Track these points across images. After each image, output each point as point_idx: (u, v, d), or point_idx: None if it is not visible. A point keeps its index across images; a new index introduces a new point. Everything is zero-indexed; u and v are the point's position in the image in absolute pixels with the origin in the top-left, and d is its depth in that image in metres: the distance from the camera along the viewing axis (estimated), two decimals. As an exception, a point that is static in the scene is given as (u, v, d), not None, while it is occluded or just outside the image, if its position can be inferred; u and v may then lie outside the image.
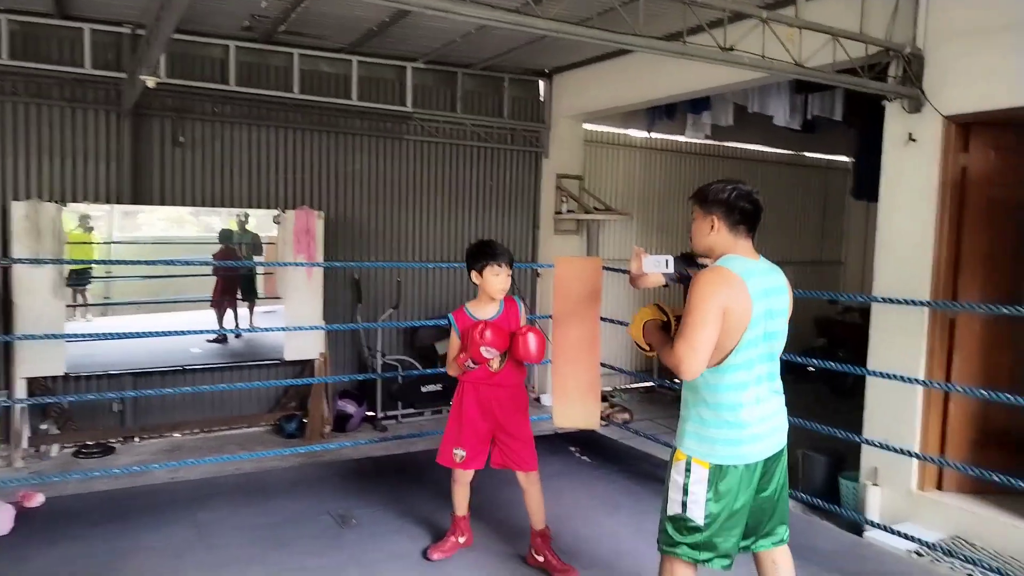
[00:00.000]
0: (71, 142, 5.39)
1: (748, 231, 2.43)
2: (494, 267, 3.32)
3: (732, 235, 2.41)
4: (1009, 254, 4.31)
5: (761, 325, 2.33)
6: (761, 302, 2.32)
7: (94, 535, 3.75)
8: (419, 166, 6.70)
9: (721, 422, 2.37)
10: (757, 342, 2.34)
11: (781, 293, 2.45)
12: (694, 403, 2.45)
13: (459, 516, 3.62)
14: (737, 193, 2.40)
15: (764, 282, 2.37)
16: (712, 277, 2.33)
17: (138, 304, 6.51)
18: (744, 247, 2.42)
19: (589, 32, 3.48)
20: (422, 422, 6.32)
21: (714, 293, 2.28)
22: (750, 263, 2.38)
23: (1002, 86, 3.87)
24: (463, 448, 3.43)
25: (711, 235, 2.43)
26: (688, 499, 2.39)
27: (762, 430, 2.40)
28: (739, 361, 2.32)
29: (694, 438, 2.43)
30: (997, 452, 4.22)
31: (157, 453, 5.34)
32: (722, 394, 2.36)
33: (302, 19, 5.26)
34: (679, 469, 2.43)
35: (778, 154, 8.93)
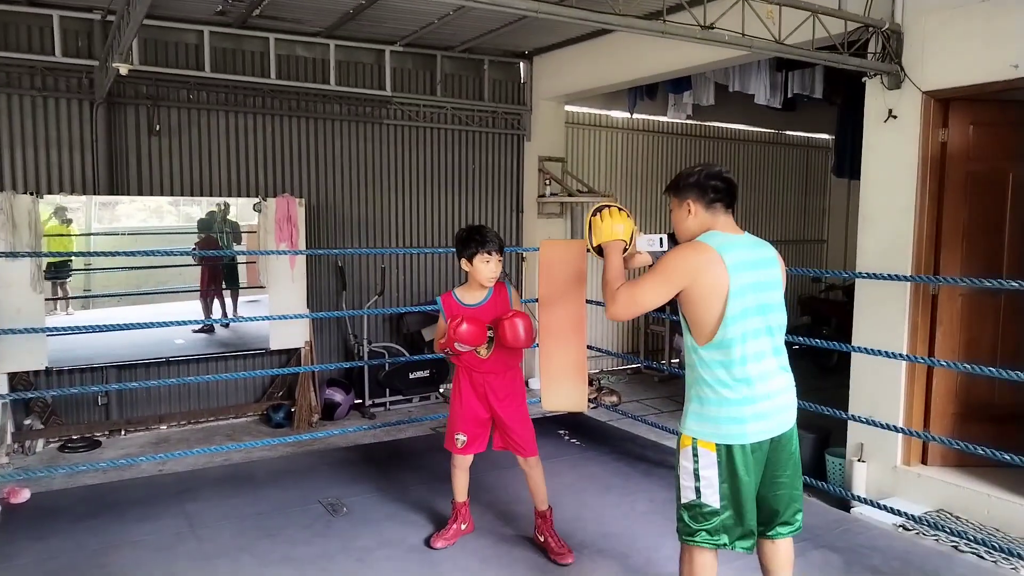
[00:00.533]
0: (44, 132, 5.29)
1: (726, 207, 2.44)
2: (484, 255, 3.30)
3: (710, 214, 2.43)
4: (988, 228, 4.36)
5: (749, 297, 2.31)
6: (743, 274, 2.30)
7: (82, 529, 3.72)
8: (400, 151, 6.65)
9: (722, 400, 2.34)
10: (747, 314, 2.31)
11: (770, 265, 2.44)
12: (693, 383, 2.42)
13: (459, 502, 3.61)
14: (706, 173, 2.44)
15: (746, 255, 2.36)
16: (684, 248, 2.38)
17: (119, 296, 6.44)
18: (724, 223, 2.44)
19: (568, 12, 3.45)
20: (410, 409, 6.32)
21: (681, 261, 2.33)
22: (730, 237, 2.39)
23: (980, 61, 3.89)
24: (463, 433, 3.42)
25: (690, 219, 2.46)
26: (701, 484, 2.36)
27: (767, 407, 2.36)
28: (731, 335, 2.30)
29: (696, 419, 2.40)
30: (979, 425, 4.28)
31: (144, 446, 5.31)
32: (720, 370, 2.34)
33: (277, 2, 5.18)
34: (687, 455, 2.40)
35: (759, 133, 8.95)
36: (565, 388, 5.05)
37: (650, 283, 2.35)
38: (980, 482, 4.15)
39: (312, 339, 6.01)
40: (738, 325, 2.30)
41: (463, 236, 3.40)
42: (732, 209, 2.46)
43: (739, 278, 2.29)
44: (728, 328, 2.30)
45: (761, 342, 2.36)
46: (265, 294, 5.91)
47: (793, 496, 2.50)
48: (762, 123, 8.73)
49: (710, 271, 2.28)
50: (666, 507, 3.97)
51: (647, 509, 4.02)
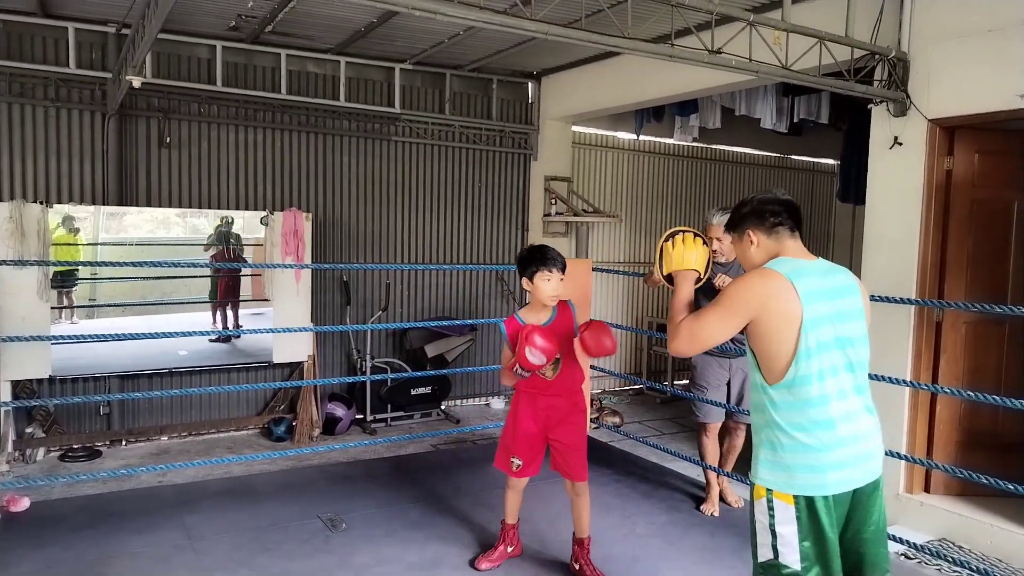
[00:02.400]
0: (56, 142, 5.34)
1: (791, 231, 2.26)
2: (544, 272, 3.23)
3: (773, 240, 2.26)
4: (993, 257, 4.36)
5: (826, 329, 2.09)
6: (817, 304, 2.09)
7: (80, 539, 3.72)
8: (407, 168, 6.69)
9: (798, 445, 2.09)
10: (827, 348, 2.09)
11: (850, 293, 2.22)
12: (764, 426, 2.18)
13: (509, 524, 3.57)
14: (760, 199, 2.31)
15: (822, 282, 2.15)
16: (751, 276, 2.18)
17: (124, 306, 6.46)
18: (793, 248, 2.25)
19: (577, 34, 3.49)
20: (411, 425, 6.31)
21: (746, 289, 2.13)
22: (801, 263, 2.19)
23: (985, 90, 3.91)
24: (520, 457, 3.37)
25: (754, 251, 2.29)
26: (778, 542, 2.10)
27: (851, 453, 2.11)
28: (804, 372, 2.07)
29: (768, 467, 2.14)
30: (983, 454, 4.26)
31: (144, 456, 5.30)
32: (796, 412, 2.10)
33: (289, 19, 5.24)
34: (761, 508, 2.14)
35: (765, 156, 8.99)
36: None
37: (713, 316, 2.17)
38: (983, 512, 4.12)
39: (315, 353, 6.02)
40: (814, 360, 2.07)
41: (524, 255, 3.33)
42: (798, 233, 2.28)
43: (814, 308, 2.08)
44: (802, 364, 2.07)
45: (842, 379, 2.12)
46: (270, 307, 5.93)
47: (879, 556, 2.20)
48: (768, 147, 8.77)
49: (780, 300, 2.08)
50: (666, 530, 3.96)
51: (646, 532, 4.00)
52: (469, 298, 7.10)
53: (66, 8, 5.12)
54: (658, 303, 8.26)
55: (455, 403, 6.95)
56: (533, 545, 3.78)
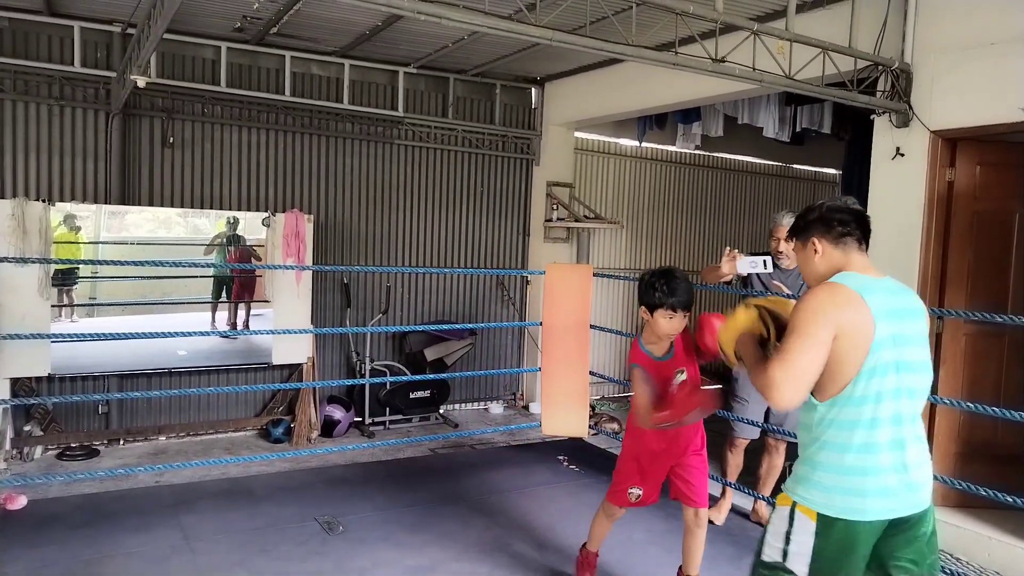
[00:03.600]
0: (59, 141, 5.35)
1: (859, 244, 2.15)
2: (667, 312, 2.93)
3: (840, 252, 2.14)
4: (994, 269, 4.36)
5: (889, 351, 2.00)
6: (886, 323, 2.00)
7: (77, 538, 3.72)
8: (410, 171, 6.70)
9: (839, 466, 2.02)
10: (885, 371, 2.00)
11: (915, 316, 2.11)
12: (808, 442, 2.11)
13: (591, 552, 3.43)
14: (829, 206, 2.19)
15: (891, 301, 2.06)
16: (822, 293, 2.04)
17: (124, 305, 6.46)
18: (859, 262, 2.13)
19: (582, 41, 3.50)
20: (410, 429, 6.31)
21: (823, 311, 1.99)
22: (869, 280, 2.08)
23: (988, 103, 3.92)
24: (640, 487, 3.19)
25: (817, 260, 2.17)
26: (791, 548, 2.05)
27: (895, 482, 2.02)
28: (862, 393, 1.99)
29: (804, 483, 2.08)
30: (981, 466, 4.25)
31: (142, 456, 5.30)
32: (842, 432, 2.02)
33: (294, 22, 5.25)
34: (781, 515, 2.09)
35: (767, 165, 9.00)
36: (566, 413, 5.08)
37: (798, 345, 1.97)
38: (981, 524, 4.12)
39: (315, 355, 6.02)
40: (875, 382, 1.99)
41: (647, 280, 2.99)
42: (866, 247, 2.17)
43: (884, 326, 1.99)
44: (861, 384, 1.99)
45: (899, 405, 2.04)
46: (270, 308, 5.93)
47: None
48: (770, 156, 8.79)
49: (857, 320, 1.97)
50: (664, 538, 3.95)
51: (644, 539, 3.99)
52: (469, 302, 7.10)
53: (72, 7, 5.13)
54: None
55: (454, 407, 6.94)
56: (532, 551, 3.78)
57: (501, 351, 7.28)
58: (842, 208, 2.18)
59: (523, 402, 7.30)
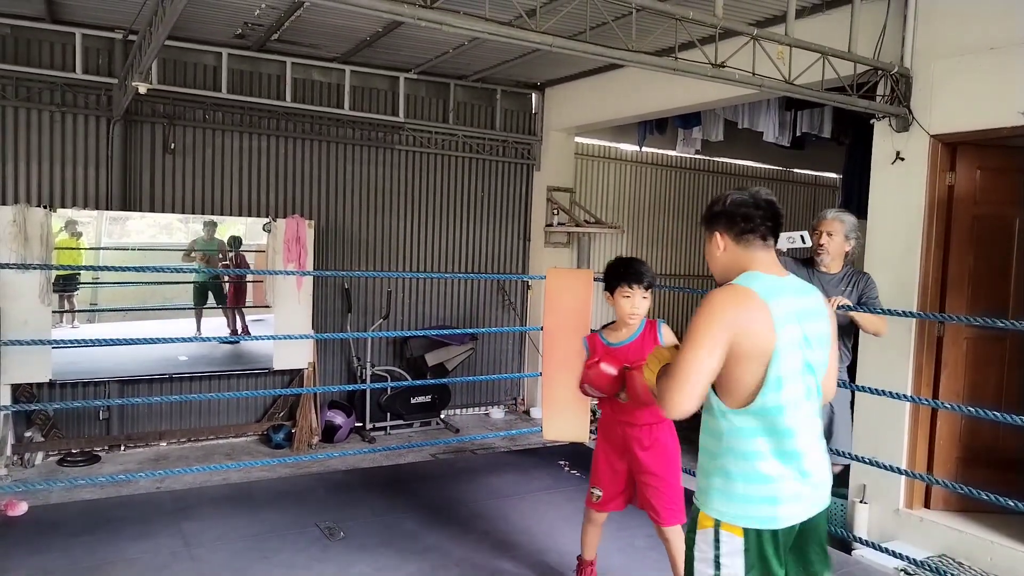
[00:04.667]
0: (61, 147, 5.36)
1: (763, 240, 2.03)
2: (624, 288, 3.00)
3: (744, 249, 2.03)
4: (994, 273, 4.36)
5: (798, 355, 1.93)
6: (791, 327, 1.92)
7: (77, 545, 3.71)
8: (410, 176, 6.71)
9: (755, 476, 1.94)
10: (794, 377, 1.92)
11: (819, 317, 2.03)
12: (718, 453, 1.99)
13: (586, 560, 3.38)
14: (733, 199, 2.06)
15: (795, 303, 1.97)
16: (718, 297, 1.95)
17: (125, 311, 6.46)
18: (764, 260, 2.02)
19: (582, 47, 3.50)
20: (411, 434, 6.30)
21: (718, 316, 1.90)
22: (774, 280, 1.98)
23: (988, 107, 3.92)
24: (599, 487, 3.17)
25: (720, 256, 2.08)
26: (723, 572, 1.95)
27: (805, 486, 1.97)
28: (775, 402, 1.91)
29: (721, 497, 1.97)
30: (983, 470, 4.24)
31: (143, 462, 5.29)
32: (757, 441, 1.93)
33: (295, 28, 5.27)
34: (706, 538, 1.98)
35: (767, 170, 9.01)
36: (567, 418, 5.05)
37: (687, 355, 1.89)
38: (983, 528, 4.11)
39: (315, 360, 6.02)
40: (785, 390, 1.91)
41: (609, 266, 3.09)
42: (773, 242, 2.06)
43: (787, 332, 1.90)
44: (770, 394, 1.90)
45: (805, 408, 1.97)
46: (271, 313, 5.93)
47: None
48: (770, 160, 8.79)
49: (754, 322, 1.88)
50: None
51: (645, 544, 3.98)
52: (470, 307, 7.10)
53: (74, 14, 5.15)
54: (658, 314, 8.26)
55: (455, 412, 6.94)
56: (533, 556, 3.77)
57: (502, 356, 7.28)
58: (747, 202, 2.04)
59: (524, 407, 7.29)
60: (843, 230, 3.89)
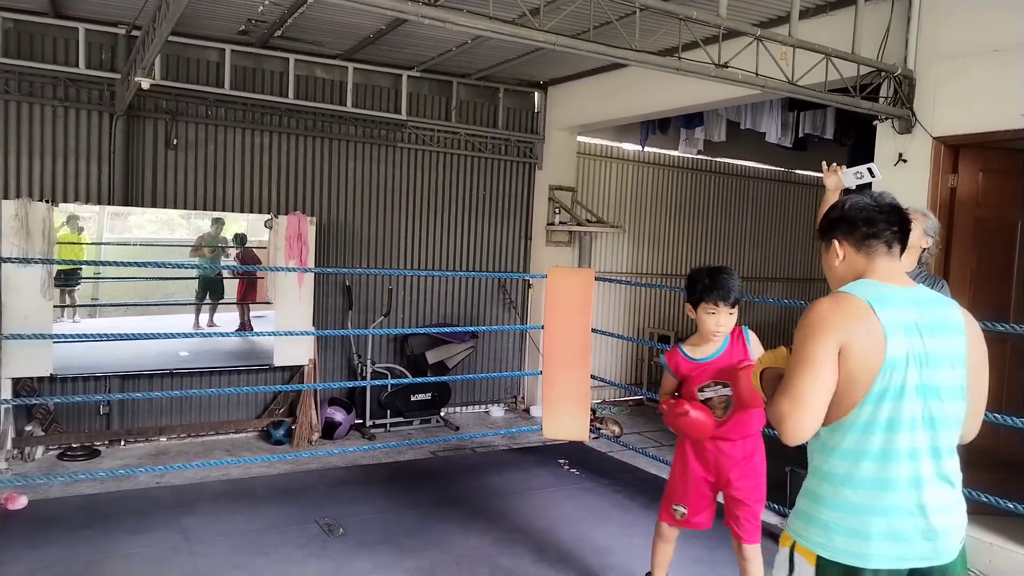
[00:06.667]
0: (63, 142, 5.36)
1: (888, 247, 1.86)
2: (709, 305, 2.84)
3: (864, 256, 1.86)
4: (996, 275, 4.36)
5: (909, 371, 1.73)
6: (902, 338, 1.73)
7: (77, 539, 3.72)
8: (413, 174, 6.71)
9: (840, 502, 1.76)
10: (900, 394, 1.73)
11: (948, 331, 1.80)
12: (811, 472, 1.86)
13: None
14: (852, 203, 1.91)
15: (911, 314, 1.77)
16: (825, 306, 1.78)
17: (127, 306, 6.47)
18: (885, 269, 1.85)
19: (585, 46, 3.50)
20: (411, 431, 6.31)
21: (826, 327, 1.73)
22: (889, 288, 1.80)
23: (990, 109, 3.92)
24: (683, 504, 3.03)
25: (839, 266, 1.91)
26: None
27: (908, 526, 1.74)
28: (869, 418, 1.73)
29: (804, 519, 1.83)
30: (982, 472, 4.22)
31: (143, 457, 5.30)
32: (844, 462, 1.76)
33: (299, 25, 5.27)
34: (782, 559, 1.86)
35: (770, 171, 9.00)
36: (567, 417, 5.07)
37: (799, 372, 1.73)
38: (982, 530, 4.10)
39: (316, 357, 6.02)
40: (886, 406, 1.73)
41: (692, 275, 2.90)
42: (896, 249, 1.88)
43: (899, 343, 1.73)
44: (868, 408, 1.73)
45: (917, 436, 1.75)
46: (272, 310, 5.93)
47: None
48: (773, 161, 8.78)
49: (865, 334, 1.72)
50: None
51: (645, 543, 3.98)
52: (471, 305, 7.10)
53: (77, 9, 5.15)
54: (659, 314, 8.26)
55: (455, 410, 6.94)
56: (532, 555, 3.78)
57: (502, 354, 7.28)
58: (869, 205, 1.89)
59: (524, 405, 7.30)
60: (923, 223, 3.55)
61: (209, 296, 6.38)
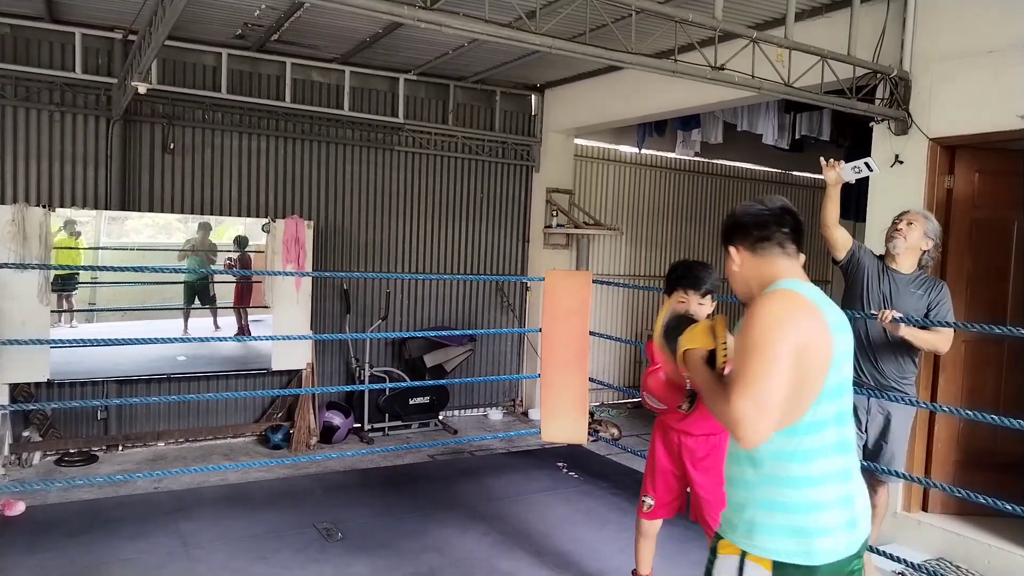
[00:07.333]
0: (60, 147, 5.36)
1: (781, 247, 1.86)
2: (680, 293, 2.95)
3: (759, 258, 1.87)
4: (992, 277, 4.36)
5: (843, 370, 1.78)
6: (840, 337, 1.77)
7: (75, 545, 3.71)
8: (410, 177, 6.71)
9: (801, 505, 1.74)
10: (839, 392, 1.77)
11: (847, 330, 1.84)
12: (758, 482, 1.78)
13: (641, 574, 3.31)
14: (743, 209, 1.93)
15: (837, 313, 1.82)
16: (779, 303, 1.74)
17: (124, 311, 6.45)
18: (791, 269, 1.85)
19: (581, 48, 3.51)
20: (409, 435, 6.30)
21: (788, 324, 1.69)
22: (814, 288, 1.82)
23: (986, 111, 3.93)
24: (651, 495, 3.14)
25: (738, 272, 1.91)
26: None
27: (850, 515, 1.78)
28: (826, 415, 1.74)
29: (761, 530, 1.77)
30: (981, 473, 4.25)
31: (140, 462, 5.29)
32: (804, 466, 1.73)
33: (295, 28, 5.27)
34: (728, 567, 1.80)
35: (766, 172, 9.01)
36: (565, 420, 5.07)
37: (761, 368, 1.65)
38: (980, 531, 4.11)
39: (314, 361, 6.02)
40: (835, 403, 1.75)
41: (669, 272, 3.05)
42: (792, 249, 1.88)
43: (839, 341, 1.76)
44: (823, 406, 1.73)
45: (847, 429, 1.81)
46: (270, 314, 5.93)
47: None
48: (769, 162, 8.79)
49: (819, 335, 1.72)
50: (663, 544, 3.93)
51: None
52: (469, 309, 7.10)
53: (73, 14, 5.15)
54: (658, 316, 8.25)
55: (453, 414, 6.94)
56: (530, 558, 3.77)
57: (500, 357, 7.28)
58: (758, 211, 1.89)
59: (522, 408, 7.29)
60: (924, 226, 3.60)
61: (197, 301, 6.34)
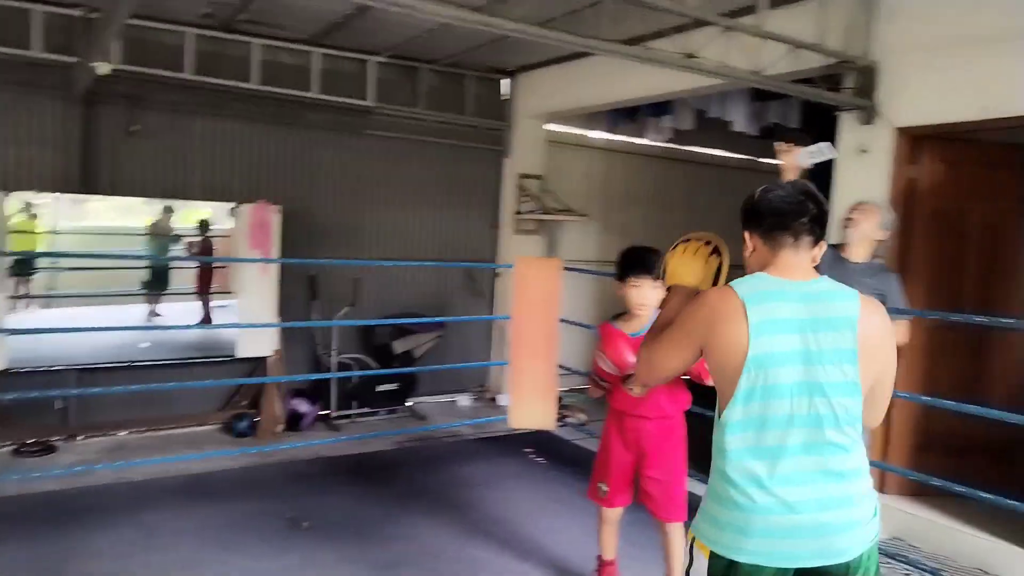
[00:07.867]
0: (17, 128, 5.19)
1: (795, 238, 1.81)
2: (632, 278, 3.00)
3: (769, 248, 1.84)
4: (952, 265, 4.45)
5: (786, 370, 1.73)
6: (774, 337, 1.73)
7: (36, 538, 3.63)
8: (379, 161, 6.63)
9: (727, 498, 1.78)
10: (782, 393, 1.73)
11: (836, 327, 1.75)
12: (711, 469, 1.87)
13: (606, 560, 3.32)
14: (763, 191, 1.88)
15: (797, 310, 1.76)
16: (705, 295, 1.88)
17: (84, 297, 6.31)
18: (785, 262, 1.82)
19: (552, 34, 3.49)
20: (376, 422, 6.27)
21: (695, 309, 1.84)
22: (776, 283, 1.79)
23: (951, 101, 3.99)
24: (606, 482, 3.15)
25: (750, 257, 1.92)
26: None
27: (790, 523, 1.72)
28: (746, 417, 1.75)
29: (702, 515, 1.87)
30: (937, 457, 4.35)
31: (101, 452, 5.19)
32: (729, 460, 1.78)
33: (264, 8, 5.16)
34: (686, 550, 1.93)
35: (737, 159, 9.08)
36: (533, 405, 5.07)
37: (665, 340, 1.89)
38: (936, 512, 4.22)
39: (280, 348, 5.94)
40: (754, 405, 1.74)
41: (621, 254, 3.08)
42: (805, 241, 1.83)
43: (767, 341, 1.73)
44: (738, 408, 1.75)
45: (796, 433, 1.73)
46: (234, 299, 5.84)
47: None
48: (741, 149, 8.85)
49: (727, 326, 1.74)
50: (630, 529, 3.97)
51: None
52: (438, 295, 7.07)
53: (30, -11, 4.98)
54: (627, 303, 8.30)
55: (421, 400, 6.92)
56: (498, 544, 3.78)
57: (470, 344, 7.26)
58: (778, 197, 1.85)
59: (491, 395, 7.30)
60: (878, 215, 3.69)
61: (153, 286, 6.22)
